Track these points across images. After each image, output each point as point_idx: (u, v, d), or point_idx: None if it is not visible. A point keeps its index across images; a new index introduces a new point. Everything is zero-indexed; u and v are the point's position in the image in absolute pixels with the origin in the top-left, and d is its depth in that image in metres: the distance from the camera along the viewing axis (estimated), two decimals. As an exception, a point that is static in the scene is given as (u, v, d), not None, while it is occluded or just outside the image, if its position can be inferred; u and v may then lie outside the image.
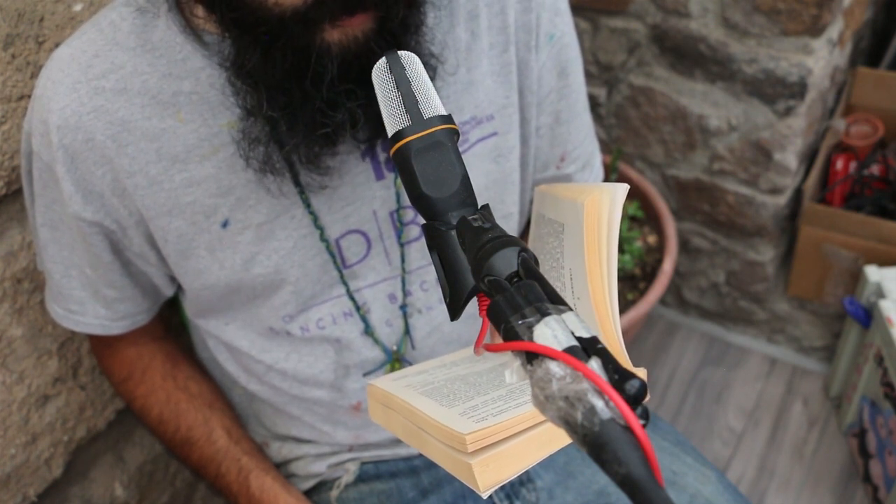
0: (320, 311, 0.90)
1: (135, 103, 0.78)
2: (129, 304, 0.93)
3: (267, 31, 0.67)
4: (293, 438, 1.02)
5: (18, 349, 1.02)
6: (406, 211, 0.88)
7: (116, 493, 1.23)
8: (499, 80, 0.87)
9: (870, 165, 1.81)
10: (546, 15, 0.88)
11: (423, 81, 0.62)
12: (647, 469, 0.40)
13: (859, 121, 1.86)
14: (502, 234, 0.54)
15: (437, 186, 0.59)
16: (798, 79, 1.61)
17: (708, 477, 1.00)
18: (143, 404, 0.99)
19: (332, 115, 0.71)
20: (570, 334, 0.46)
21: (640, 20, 1.73)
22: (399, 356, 0.94)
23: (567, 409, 0.42)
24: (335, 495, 0.99)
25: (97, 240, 0.85)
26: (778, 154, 1.72)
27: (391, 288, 0.92)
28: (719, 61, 1.67)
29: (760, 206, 1.81)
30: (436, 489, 0.98)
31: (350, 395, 0.95)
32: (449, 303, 0.58)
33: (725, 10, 1.61)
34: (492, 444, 0.62)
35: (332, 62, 0.67)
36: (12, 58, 0.89)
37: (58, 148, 0.79)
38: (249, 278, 0.86)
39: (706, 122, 1.76)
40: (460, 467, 0.63)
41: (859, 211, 1.77)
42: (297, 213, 0.84)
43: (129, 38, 0.78)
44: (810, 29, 1.55)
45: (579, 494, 0.97)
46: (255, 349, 0.93)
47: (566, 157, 0.99)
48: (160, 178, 0.80)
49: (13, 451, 1.04)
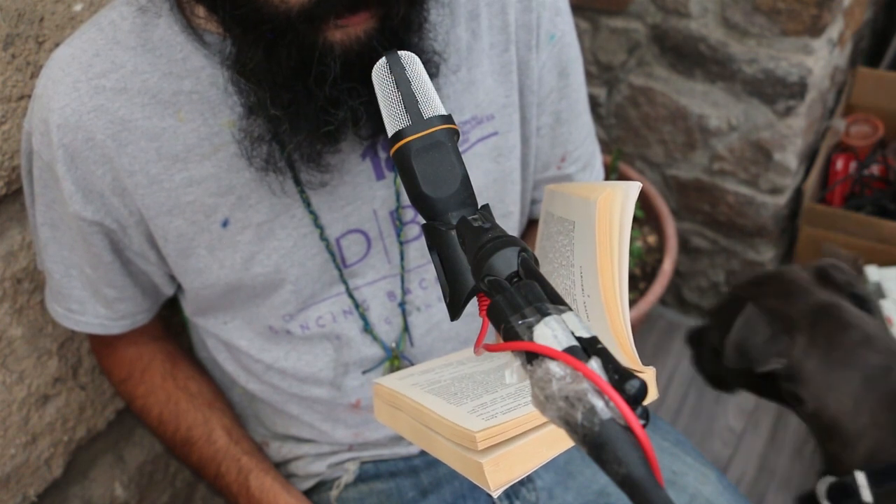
0: (320, 309, 0.90)
1: (135, 102, 0.78)
2: (129, 304, 0.93)
3: (271, 28, 0.67)
4: (293, 438, 1.02)
5: (18, 349, 1.02)
6: (406, 210, 0.88)
7: (116, 493, 1.23)
8: (499, 80, 0.87)
9: (870, 165, 1.81)
10: (546, 15, 0.88)
11: (423, 81, 0.62)
12: (647, 469, 0.40)
13: (859, 121, 1.86)
14: (502, 234, 0.54)
15: (437, 186, 0.59)
16: (798, 79, 1.61)
17: (708, 477, 1.00)
18: (142, 404, 0.99)
19: (334, 112, 0.71)
20: (570, 334, 0.46)
21: (640, 20, 1.73)
22: (398, 353, 0.94)
23: (567, 409, 0.42)
24: (335, 495, 0.99)
25: (97, 239, 0.85)
26: (778, 154, 1.72)
27: (390, 286, 0.92)
28: (719, 61, 1.67)
29: (760, 206, 1.81)
30: (435, 489, 0.98)
31: (349, 392, 0.95)
32: (449, 303, 0.58)
33: (725, 10, 1.61)
34: (501, 443, 0.62)
35: (335, 61, 0.68)
36: (12, 58, 0.90)
37: (58, 147, 0.79)
38: (249, 277, 0.86)
39: (706, 122, 1.76)
40: (470, 466, 0.62)
41: (859, 211, 1.77)
42: (298, 212, 0.84)
43: (130, 37, 0.78)
44: (810, 29, 1.55)
45: (579, 494, 0.97)
46: (255, 348, 0.93)
47: (567, 158, 0.99)
48: (160, 177, 0.80)
49: (13, 451, 1.04)
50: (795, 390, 1.17)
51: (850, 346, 1.17)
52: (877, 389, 1.14)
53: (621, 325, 0.64)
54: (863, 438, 1.14)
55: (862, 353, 1.16)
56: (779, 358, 1.17)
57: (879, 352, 1.16)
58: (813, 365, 1.16)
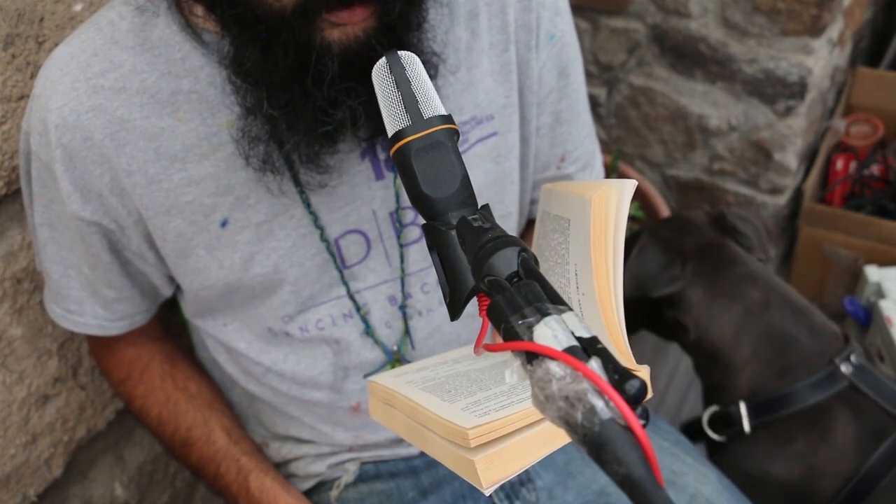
0: (319, 312, 0.90)
1: (133, 102, 0.78)
2: (127, 305, 0.93)
3: (267, 28, 0.67)
4: (293, 438, 1.02)
5: (18, 349, 1.02)
6: (406, 212, 0.88)
7: (116, 493, 1.23)
8: (499, 80, 0.87)
9: (870, 165, 1.81)
10: (546, 14, 0.88)
11: (423, 81, 0.62)
12: (647, 469, 0.40)
13: (859, 121, 1.86)
14: (502, 234, 0.54)
15: (437, 186, 0.59)
16: (798, 79, 1.61)
17: (708, 477, 1.00)
18: (142, 405, 0.99)
19: (332, 113, 0.71)
20: (570, 334, 0.46)
21: (640, 20, 1.73)
22: (399, 356, 0.94)
23: (567, 409, 0.42)
24: (335, 495, 0.99)
25: (96, 239, 0.85)
26: (778, 154, 1.72)
27: (391, 290, 0.92)
28: (719, 61, 1.67)
29: (760, 206, 1.81)
30: (435, 489, 0.98)
31: (349, 396, 0.95)
32: (449, 303, 0.58)
33: (725, 10, 1.61)
34: (494, 440, 0.62)
35: (333, 60, 0.67)
36: (12, 58, 0.89)
37: (56, 147, 0.79)
38: (248, 278, 0.86)
39: (706, 122, 1.76)
40: (463, 464, 0.62)
41: (859, 211, 1.77)
42: (297, 212, 0.84)
43: (128, 36, 0.78)
44: (810, 29, 1.55)
45: (579, 494, 0.97)
46: (254, 350, 0.93)
47: (566, 158, 0.99)
48: (159, 177, 0.80)
49: (13, 451, 1.04)
50: (680, 318, 1.24)
51: (732, 279, 1.24)
52: (756, 322, 1.21)
53: (616, 323, 0.64)
54: (744, 370, 1.20)
55: (744, 286, 1.23)
56: (673, 282, 1.23)
57: (760, 288, 1.23)
58: (697, 294, 1.23)
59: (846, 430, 1.13)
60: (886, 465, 1.10)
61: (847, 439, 1.13)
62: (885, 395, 1.13)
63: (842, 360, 1.16)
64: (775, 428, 1.17)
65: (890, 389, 1.14)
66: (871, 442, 1.11)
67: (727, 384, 1.22)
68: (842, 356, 1.16)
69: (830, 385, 1.15)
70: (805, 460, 1.15)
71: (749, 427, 1.17)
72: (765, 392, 1.18)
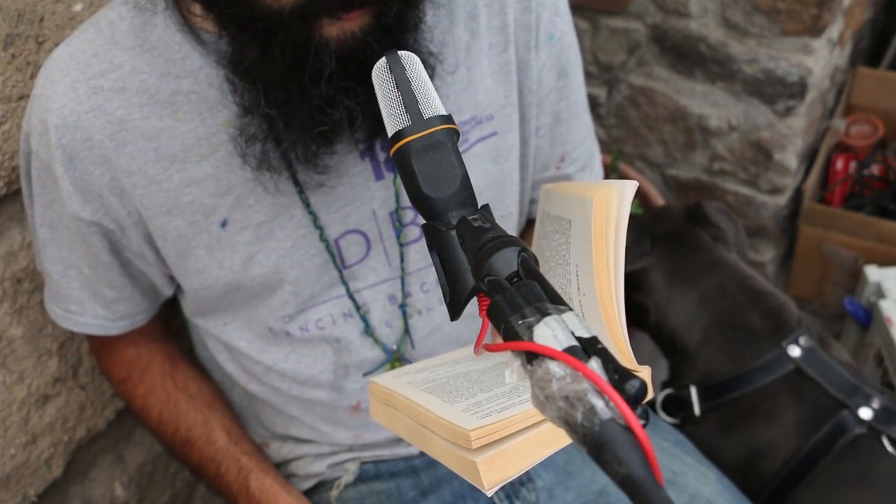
0: (319, 311, 0.90)
1: (133, 102, 0.78)
2: (127, 305, 0.93)
3: (264, 27, 0.67)
4: (293, 438, 1.02)
5: (18, 349, 1.02)
6: (405, 212, 0.88)
7: (116, 493, 1.23)
8: (498, 80, 0.87)
9: (870, 165, 1.81)
10: (546, 15, 0.88)
11: (423, 81, 0.62)
12: (647, 469, 0.40)
13: (859, 121, 1.86)
14: (502, 234, 0.54)
15: (437, 186, 0.59)
16: (798, 79, 1.61)
17: (708, 477, 1.00)
18: (142, 404, 0.99)
19: (330, 112, 0.71)
20: (570, 334, 0.46)
21: (640, 20, 1.73)
22: (399, 355, 0.94)
23: (567, 409, 0.42)
24: (335, 495, 0.99)
25: (96, 240, 0.85)
26: (778, 154, 1.72)
27: (391, 289, 0.92)
28: (719, 61, 1.67)
29: (760, 206, 1.81)
30: (435, 489, 0.98)
31: (350, 395, 0.95)
32: (449, 303, 0.58)
33: (725, 10, 1.61)
34: (495, 441, 0.62)
35: (330, 57, 0.67)
36: (12, 58, 0.89)
37: (56, 147, 0.79)
38: (248, 278, 0.86)
39: (706, 122, 1.76)
40: (464, 465, 0.62)
41: (859, 211, 1.77)
42: (297, 212, 0.84)
43: (128, 37, 0.78)
44: (810, 29, 1.55)
45: (579, 494, 0.97)
46: (254, 350, 0.93)
47: (566, 158, 0.99)
48: (159, 177, 0.80)
49: (13, 451, 1.04)
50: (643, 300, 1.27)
51: (693, 265, 1.26)
52: (710, 308, 1.23)
53: (616, 323, 0.64)
54: (699, 355, 1.23)
55: (704, 275, 1.25)
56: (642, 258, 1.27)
57: (719, 275, 1.25)
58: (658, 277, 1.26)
59: (788, 414, 1.14)
60: (825, 448, 1.10)
61: (789, 422, 1.13)
62: (831, 379, 1.13)
63: (789, 344, 1.16)
64: (723, 411, 1.18)
65: (837, 373, 1.14)
66: (812, 425, 1.12)
67: (683, 368, 1.25)
68: (789, 339, 1.16)
69: (777, 368, 1.15)
70: (749, 443, 1.16)
71: (699, 410, 1.19)
72: (716, 376, 1.19)
